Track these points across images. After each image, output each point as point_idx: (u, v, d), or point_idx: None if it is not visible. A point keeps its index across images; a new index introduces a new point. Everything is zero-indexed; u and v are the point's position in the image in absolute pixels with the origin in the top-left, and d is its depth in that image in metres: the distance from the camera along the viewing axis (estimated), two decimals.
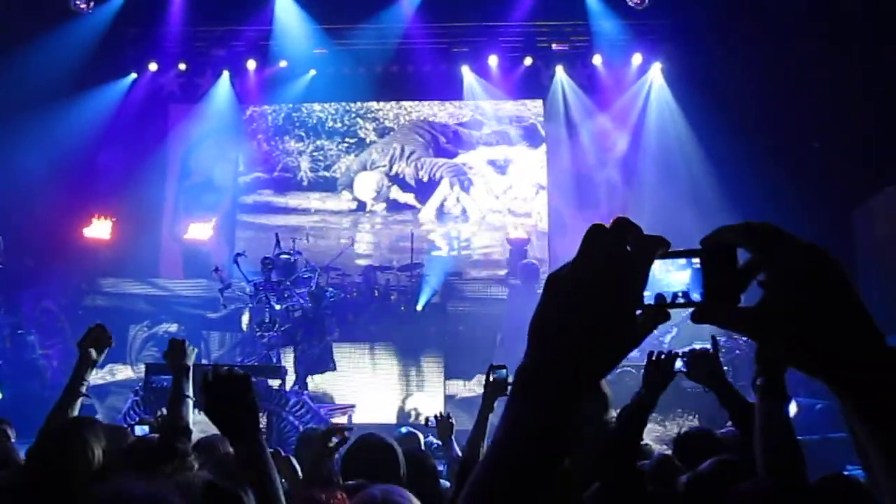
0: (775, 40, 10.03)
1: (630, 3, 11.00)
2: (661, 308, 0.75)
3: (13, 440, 3.90)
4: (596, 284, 0.72)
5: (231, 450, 1.87)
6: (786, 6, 9.93)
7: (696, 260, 0.76)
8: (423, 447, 4.47)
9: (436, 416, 4.28)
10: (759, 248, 0.74)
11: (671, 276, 0.79)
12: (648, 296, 0.76)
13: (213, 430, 1.95)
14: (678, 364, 2.77)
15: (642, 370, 2.76)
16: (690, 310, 0.77)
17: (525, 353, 0.74)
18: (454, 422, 4.19)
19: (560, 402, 0.71)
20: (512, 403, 0.74)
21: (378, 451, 2.67)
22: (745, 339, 7.66)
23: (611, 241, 0.73)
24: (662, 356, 2.73)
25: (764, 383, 2.05)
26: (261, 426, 1.80)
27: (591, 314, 0.71)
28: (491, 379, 3.30)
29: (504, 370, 3.34)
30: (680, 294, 0.77)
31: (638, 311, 0.74)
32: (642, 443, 3.12)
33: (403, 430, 4.72)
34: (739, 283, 0.75)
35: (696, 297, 0.77)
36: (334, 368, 9.79)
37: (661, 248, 0.75)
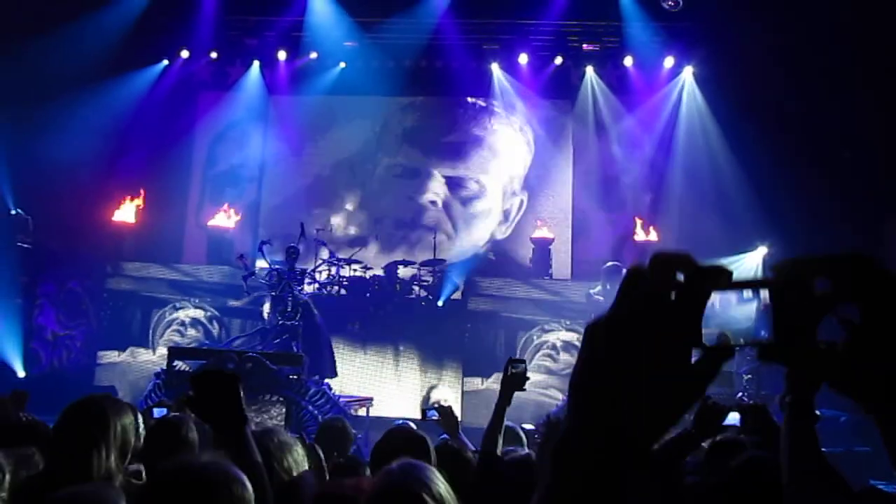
0: (808, 47, 9.90)
1: (664, 6, 10.92)
2: (726, 348, 0.63)
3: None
4: (640, 329, 0.61)
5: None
6: (820, 14, 9.79)
7: (765, 293, 0.65)
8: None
9: (436, 408, 3.98)
10: (848, 283, 0.63)
11: (733, 310, 0.72)
12: (709, 334, 0.63)
13: None
14: (735, 418, 2.71)
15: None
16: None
17: (565, 416, 0.63)
18: (457, 414, 3.91)
19: (604, 474, 0.59)
20: (546, 476, 0.62)
21: (409, 443, 2.66)
22: None
23: (653, 280, 0.62)
24: (716, 406, 2.72)
25: (793, 402, 2.00)
26: (248, 423, 1.79)
27: (639, 363, 0.60)
28: (510, 373, 3.26)
29: (523, 364, 3.30)
30: (745, 334, 0.69)
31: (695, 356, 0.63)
32: None
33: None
34: (814, 319, 0.64)
35: (762, 333, 0.69)
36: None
37: (721, 279, 0.62)
